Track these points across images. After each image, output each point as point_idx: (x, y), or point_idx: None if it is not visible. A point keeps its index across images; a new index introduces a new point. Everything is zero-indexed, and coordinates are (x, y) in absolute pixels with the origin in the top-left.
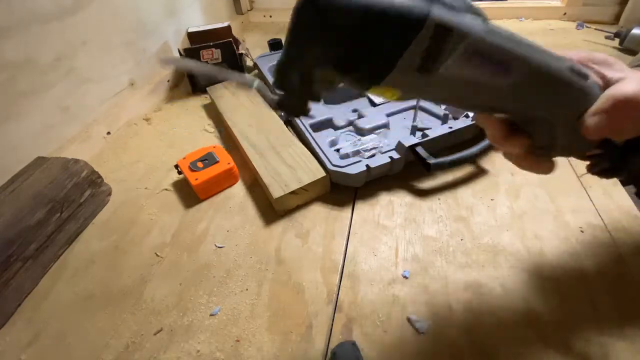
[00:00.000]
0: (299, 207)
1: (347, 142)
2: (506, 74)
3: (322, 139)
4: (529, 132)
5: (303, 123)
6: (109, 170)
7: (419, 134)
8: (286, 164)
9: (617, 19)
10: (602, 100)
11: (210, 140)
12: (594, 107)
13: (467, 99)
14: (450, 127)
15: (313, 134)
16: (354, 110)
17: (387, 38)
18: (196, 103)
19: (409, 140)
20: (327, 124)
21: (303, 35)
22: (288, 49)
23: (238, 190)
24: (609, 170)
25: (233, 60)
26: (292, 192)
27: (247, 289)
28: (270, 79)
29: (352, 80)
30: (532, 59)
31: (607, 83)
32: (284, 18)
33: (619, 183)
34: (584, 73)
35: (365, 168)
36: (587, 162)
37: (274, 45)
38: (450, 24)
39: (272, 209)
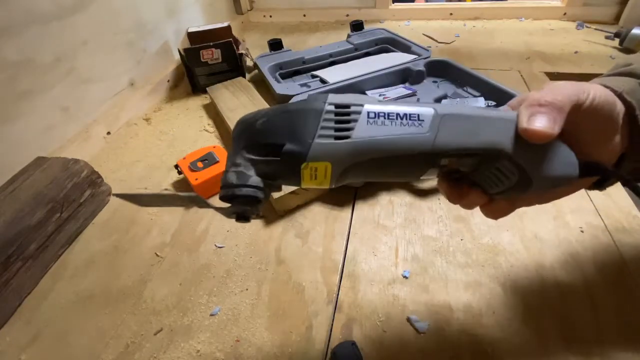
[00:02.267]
0: (299, 207)
1: None
2: (420, 122)
3: None
4: (494, 179)
5: None
6: (109, 170)
7: None
8: None
9: (617, 19)
10: (523, 107)
11: (210, 140)
12: (522, 117)
13: (399, 161)
14: None
15: None
16: None
17: (303, 123)
18: (196, 103)
19: None
20: None
21: (242, 138)
22: (232, 155)
23: None
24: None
25: (233, 60)
26: (292, 192)
27: (247, 289)
28: (270, 79)
29: (287, 162)
30: (437, 107)
31: None
32: (284, 18)
33: (619, 183)
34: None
35: None
36: None
37: (274, 45)
38: (345, 102)
39: (272, 209)
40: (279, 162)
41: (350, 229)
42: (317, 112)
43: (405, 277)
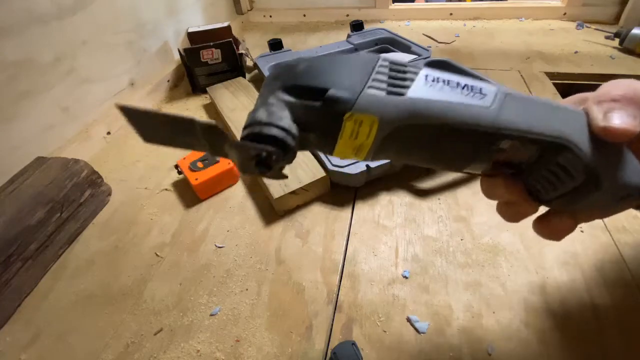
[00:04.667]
0: (299, 207)
1: None
2: (482, 95)
3: None
4: (553, 179)
5: None
6: (109, 170)
7: None
8: None
9: (617, 19)
10: (592, 103)
11: None
12: (595, 114)
13: (454, 135)
14: None
15: None
16: None
17: (352, 70)
18: (196, 103)
19: None
20: None
21: (279, 79)
22: (263, 96)
23: (238, 190)
24: None
25: (233, 60)
26: (292, 192)
27: (247, 289)
28: None
29: (329, 109)
30: (499, 85)
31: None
32: (284, 18)
33: None
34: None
35: (365, 168)
36: None
37: (274, 45)
38: (401, 61)
39: (272, 209)
40: (320, 108)
41: (350, 229)
42: (369, 61)
43: (405, 277)
